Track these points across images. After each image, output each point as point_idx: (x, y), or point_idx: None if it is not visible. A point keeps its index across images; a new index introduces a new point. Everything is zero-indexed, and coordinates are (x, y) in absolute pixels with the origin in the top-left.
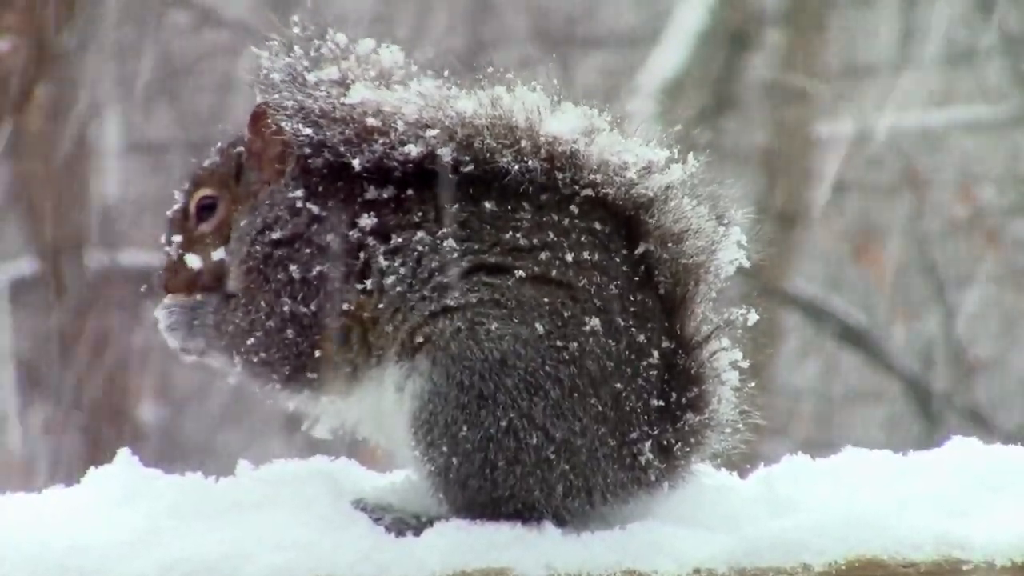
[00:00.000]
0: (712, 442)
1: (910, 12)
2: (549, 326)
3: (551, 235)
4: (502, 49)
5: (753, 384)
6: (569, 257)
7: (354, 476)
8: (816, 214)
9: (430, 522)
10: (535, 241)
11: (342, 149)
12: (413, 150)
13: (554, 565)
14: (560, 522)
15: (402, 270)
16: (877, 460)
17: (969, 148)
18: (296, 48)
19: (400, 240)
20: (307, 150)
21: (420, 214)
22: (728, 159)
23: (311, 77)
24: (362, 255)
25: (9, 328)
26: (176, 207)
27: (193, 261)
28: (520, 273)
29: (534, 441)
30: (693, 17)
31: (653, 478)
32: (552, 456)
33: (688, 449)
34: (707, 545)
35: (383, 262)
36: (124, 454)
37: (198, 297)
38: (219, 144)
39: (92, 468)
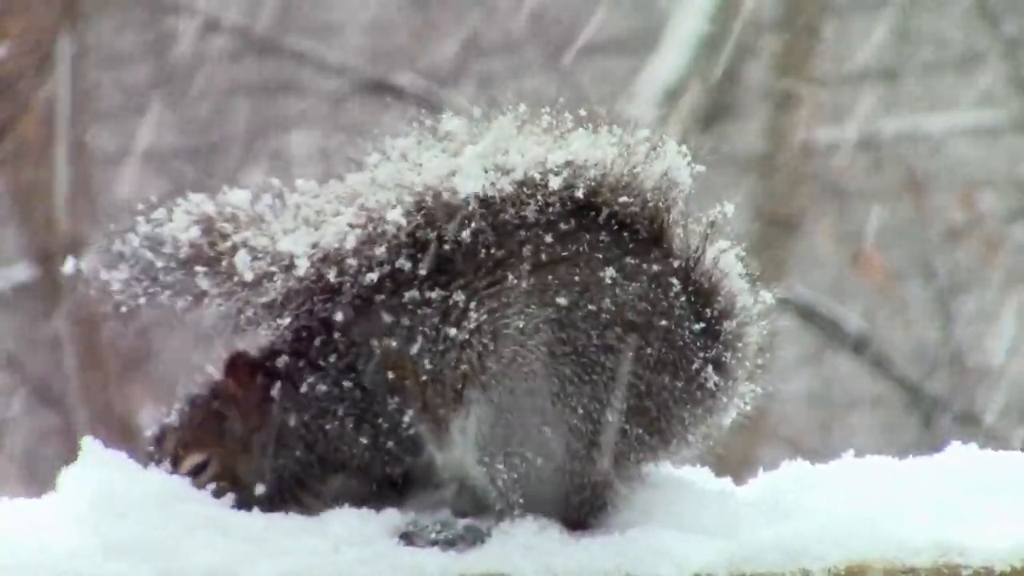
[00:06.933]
0: (754, 337)
1: (909, 16)
2: (570, 296)
3: (522, 233)
4: (500, 53)
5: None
6: (549, 238)
7: None
8: (815, 220)
9: (486, 536)
10: (510, 247)
11: (323, 317)
12: (374, 276)
13: (554, 569)
14: (631, 487)
15: (414, 347)
16: (876, 466)
17: (969, 153)
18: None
19: (393, 319)
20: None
21: (395, 299)
22: (727, 165)
23: (247, 275)
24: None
25: (7, 334)
26: (161, 461)
27: None
28: (512, 276)
29: (608, 419)
30: (691, 23)
31: (724, 400)
32: (626, 427)
33: (740, 356)
34: (706, 550)
35: (408, 347)
36: (92, 445)
37: None
38: (188, 396)
39: (85, 470)
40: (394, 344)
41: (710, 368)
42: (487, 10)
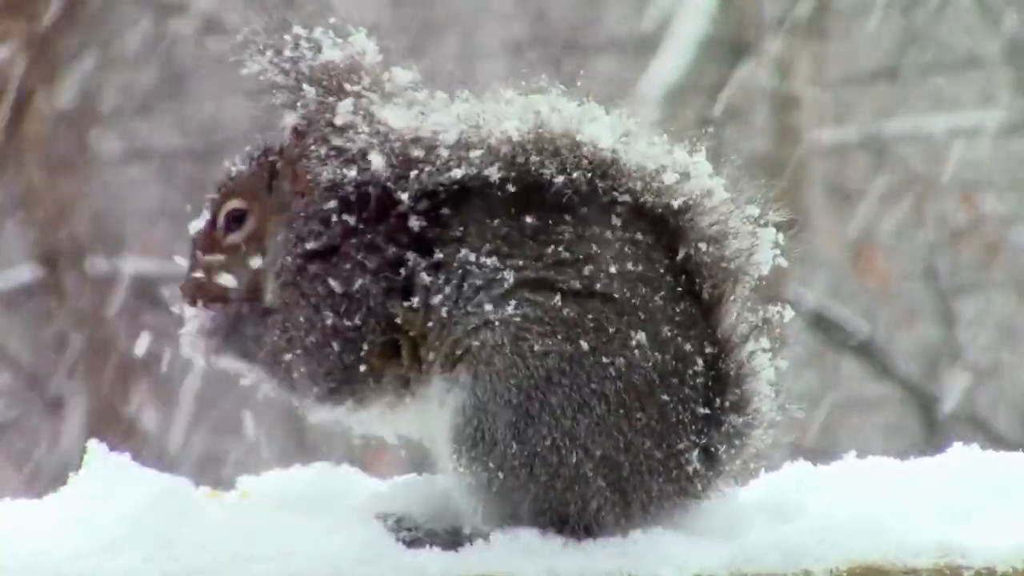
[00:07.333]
0: (755, 442)
1: (911, 18)
2: (594, 343)
3: (593, 247)
4: (502, 56)
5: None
6: (613, 269)
7: (356, 483)
8: (817, 222)
9: (468, 539)
10: (578, 255)
11: (389, 185)
12: (458, 173)
13: (556, 571)
14: (590, 534)
15: (447, 288)
16: (878, 467)
17: (970, 155)
18: (308, 88)
19: (442, 256)
20: (350, 188)
21: (461, 229)
22: (727, 167)
23: (340, 119)
24: (403, 271)
25: (8, 334)
26: (203, 219)
27: (224, 274)
28: (563, 287)
29: (574, 459)
30: (693, 25)
31: (700, 487)
32: (590, 473)
33: (733, 452)
34: (708, 552)
35: (426, 278)
36: (98, 449)
37: (231, 310)
38: (249, 151)
39: (87, 472)
40: (419, 258)
41: (696, 452)
42: (487, 11)
